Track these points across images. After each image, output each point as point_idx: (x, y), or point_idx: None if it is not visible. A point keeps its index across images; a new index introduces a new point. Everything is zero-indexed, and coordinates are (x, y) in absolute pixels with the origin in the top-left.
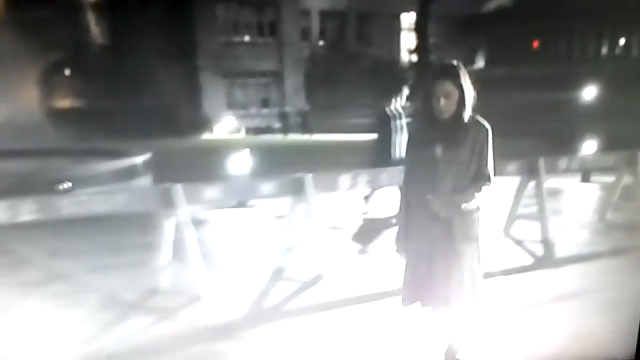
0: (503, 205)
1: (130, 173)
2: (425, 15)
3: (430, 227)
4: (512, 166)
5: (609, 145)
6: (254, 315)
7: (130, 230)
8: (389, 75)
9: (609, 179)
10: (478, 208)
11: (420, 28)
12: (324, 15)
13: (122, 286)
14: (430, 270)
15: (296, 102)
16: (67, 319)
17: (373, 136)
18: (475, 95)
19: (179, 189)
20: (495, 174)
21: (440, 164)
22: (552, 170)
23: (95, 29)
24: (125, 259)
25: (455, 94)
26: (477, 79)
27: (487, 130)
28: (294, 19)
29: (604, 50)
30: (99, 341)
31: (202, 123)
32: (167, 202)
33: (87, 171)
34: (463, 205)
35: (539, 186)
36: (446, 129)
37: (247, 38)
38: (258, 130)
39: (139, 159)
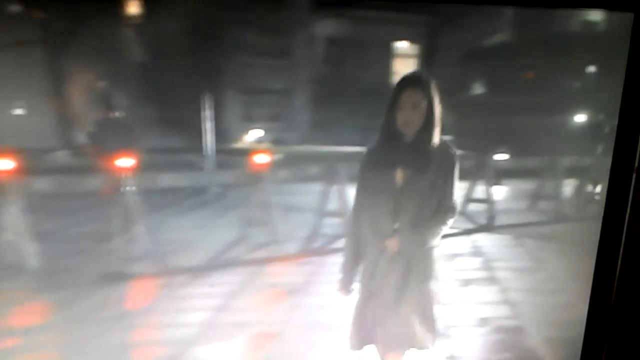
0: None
1: None
2: (432, 46)
3: (384, 265)
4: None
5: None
6: None
7: None
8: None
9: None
10: (438, 243)
11: (425, 57)
12: (328, 41)
13: None
14: (382, 311)
15: (304, 118)
16: None
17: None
18: (442, 114)
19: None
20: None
21: (401, 193)
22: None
23: (136, 47)
24: None
25: (424, 104)
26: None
27: (454, 155)
28: (303, 45)
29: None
30: None
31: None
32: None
33: None
34: (427, 243)
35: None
36: (411, 151)
37: (263, 60)
38: (276, 142)
39: None
